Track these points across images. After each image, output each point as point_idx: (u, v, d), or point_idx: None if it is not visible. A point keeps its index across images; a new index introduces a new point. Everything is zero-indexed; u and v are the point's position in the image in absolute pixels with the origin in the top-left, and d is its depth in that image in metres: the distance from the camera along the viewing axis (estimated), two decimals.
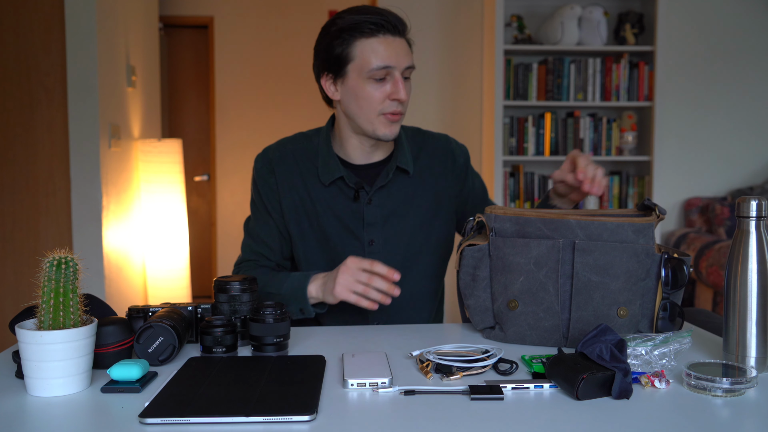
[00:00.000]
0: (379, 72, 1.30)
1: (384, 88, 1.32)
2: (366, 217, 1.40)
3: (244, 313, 1.11)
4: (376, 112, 1.33)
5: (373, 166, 1.44)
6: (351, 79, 1.33)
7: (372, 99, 1.32)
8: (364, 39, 1.30)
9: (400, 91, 1.31)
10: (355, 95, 1.33)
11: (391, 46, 1.31)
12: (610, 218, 1.09)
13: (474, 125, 3.99)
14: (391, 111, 1.33)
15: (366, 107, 1.33)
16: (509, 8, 3.77)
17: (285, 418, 0.79)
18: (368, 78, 1.31)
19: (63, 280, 0.90)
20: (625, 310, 1.08)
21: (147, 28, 3.90)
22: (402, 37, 1.34)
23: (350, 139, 1.41)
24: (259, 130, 5.04)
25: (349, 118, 1.38)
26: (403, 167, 1.42)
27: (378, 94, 1.32)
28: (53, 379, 0.88)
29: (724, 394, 0.87)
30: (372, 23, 1.30)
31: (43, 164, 2.94)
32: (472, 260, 1.16)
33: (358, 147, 1.42)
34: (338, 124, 1.44)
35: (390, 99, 1.32)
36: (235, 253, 5.18)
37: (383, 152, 1.45)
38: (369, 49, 1.30)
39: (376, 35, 1.30)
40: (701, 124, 3.94)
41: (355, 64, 1.32)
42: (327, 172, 1.41)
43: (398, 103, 1.33)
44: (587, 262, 1.07)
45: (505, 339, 1.14)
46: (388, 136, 1.35)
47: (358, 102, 1.33)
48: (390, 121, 1.34)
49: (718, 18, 3.88)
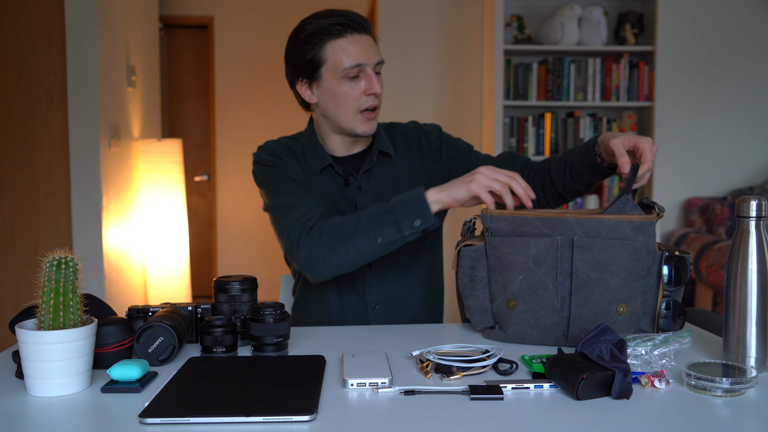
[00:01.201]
0: (353, 70, 1.36)
1: (359, 85, 1.37)
2: (359, 203, 1.44)
3: (244, 313, 1.11)
4: (353, 110, 1.38)
5: (355, 156, 1.49)
6: (326, 81, 1.38)
7: (349, 97, 1.37)
8: (333, 41, 1.35)
9: (374, 85, 1.37)
10: (332, 96, 1.39)
11: (360, 44, 1.36)
12: (607, 216, 1.09)
13: (474, 125, 3.99)
14: (368, 106, 1.38)
15: (344, 106, 1.38)
16: (509, 8, 3.77)
17: (285, 418, 0.79)
18: (342, 77, 1.36)
19: (63, 280, 0.90)
20: (625, 307, 1.08)
21: (147, 28, 3.90)
22: (368, 35, 1.39)
23: (331, 136, 1.47)
24: (259, 130, 5.04)
25: (328, 118, 1.43)
26: (385, 150, 1.48)
27: (354, 91, 1.37)
28: (53, 379, 0.88)
29: (724, 394, 0.87)
30: (339, 24, 1.35)
31: (43, 164, 2.94)
32: (469, 261, 1.16)
33: (340, 143, 1.47)
34: (317, 126, 1.49)
35: (366, 94, 1.38)
36: (235, 253, 5.20)
37: (363, 143, 1.50)
38: (339, 49, 1.35)
39: (344, 35, 1.36)
40: (701, 124, 3.94)
41: (328, 66, 1.37)
42: (317, 159, 1.45)
43: (374, 97, 1.39)
44: (586, 259, 1.08)
45: (506, 338, 1.15)
46: (367, 132, 1.41)
47: (336, 102, 1.39)
48: (367, 119, 1.40)
49: (718, 18, 3.88)
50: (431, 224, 1.23)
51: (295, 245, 1.29)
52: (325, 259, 1.26)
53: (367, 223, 1.24)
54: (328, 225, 1.28)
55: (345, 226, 1.26)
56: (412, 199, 1.24)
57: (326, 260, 1.26)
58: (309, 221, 1.30)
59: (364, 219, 1.25)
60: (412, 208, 1.23)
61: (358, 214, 1.27)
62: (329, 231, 1.27)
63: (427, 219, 1.23)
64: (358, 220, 1.26)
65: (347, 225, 1.26)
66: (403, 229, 1.23)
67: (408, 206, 1.23)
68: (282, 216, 1.35)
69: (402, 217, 1.23)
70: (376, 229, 1.23)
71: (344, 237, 1.25)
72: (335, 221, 1.28)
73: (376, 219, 1.24)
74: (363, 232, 1.24)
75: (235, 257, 5.14)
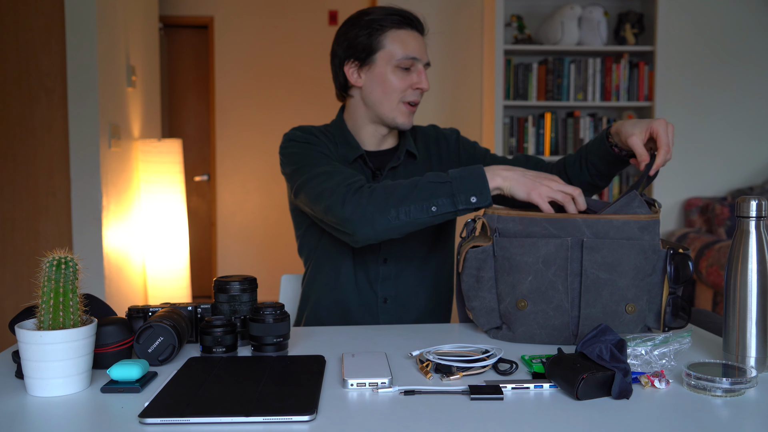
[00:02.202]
0: (407, 61, 1.41)
1: (409, 77, 1.43)
2: None
3: (244, 313, 1.11)
4: (398, 99, 1.43)
5: (384, 152, 1.52)
6: (378, 67, 1.43)
7: (396, 86, 1.43)
8: (395, 30, 1.42)
9: (423, 81, 1.43)
10: (381, 82, 1.43)
11: (417, 40, 1.44)
12: (614, 216, 1.09)
13: (474, 125, 3.99)
14: (412, 100, 1.44)
15: (390, 94, 1.43)
16: (509, 8, 3.77)
17: (285, 418, 0.79)
18: (396, 66, 1.42)
19: (63, 280, 0.90)
20: (633, 306, 1.09)
21: (147, 28, 3.90)
22: (423, 36, 1.47)
23: (365, 126, 1.50)
24: (259, 131, 5.04)
25: (369, 106, 1.46)
26: (412, 151, 1.51)
27: (402, 82, 1.43)
28: (53, 379, 0.88)
29: (724, 394, 0.87)
30: (402, 17, 1.43)
31: (43, 164, 2.94)
32: (476, 262, 1.16)
33: (373, 134, 1.50)
34: (352, 115, 1.50)
35: (413, 88, 1.43)
36: (235, 253, 5.20)
37: (392, 140, 1.54)
38: (399, 39, 1.42)
39: (405, 28, 1.43)
40: (701, 124, 3.94)
41: (384, 53, 1.42)
42: (349, 149, 1.48)
43: (419, 92, 1.45)
44: (595, 259, 1.08)
45: (514, 339, 1.15)
46: (405, 125, 1.46)
47: (383, 88, 1.43)
48: (409, 111, 1.45)
49: (718, 18, 3.88)
50: (487, 204, 1.20)
51: (340, 202, 1.23)
52: (372, 218, 1.21)
53: (423, 190, 1.21)
54: (381, 186, 1.24)
55: (399, 189, 1.22)
56: (473, 175, 1.20)
57: (374, 220, 1.21)
58: (356, 182, 1.27)
59: (421, 185, 1.21)
60: (472, 184, 1.19)
61: (413, 180, 1.24)
62: (381, 191, 1.22)
63: (483, 198, 1.19)
64: (414, 185, 1.22)
65: (402, 189, 1.22)
66: (458, 203, 1.20)
67: (468, 182, 1.20)
68: (321, 182, 1.30)
69: (460, 190, 1.19)
70: (432, 197, 1.20)
71: (397, 200, 1.21)
72: (388, 184, 1.24)
73: (434, 188, 1.21)
74: (418, 199, 1.20)
75: (235, 257, 5.14)
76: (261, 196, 5.10)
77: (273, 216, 5.08)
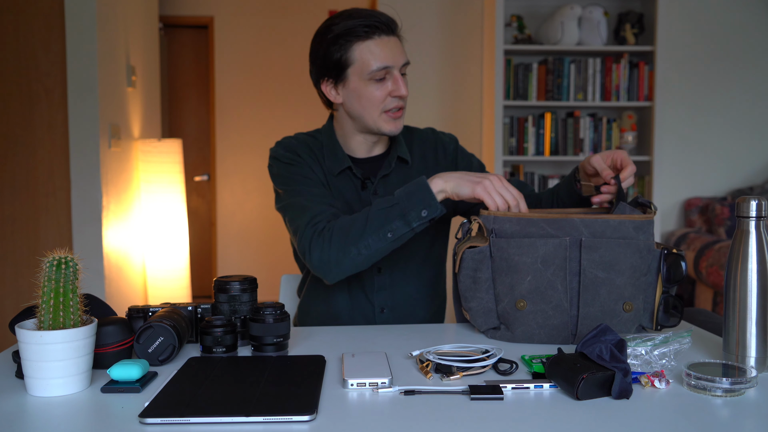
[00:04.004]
0: (379, 73, 1.36)
1: (385, 86, 1.37)
2: None
3: (244, 313, 1.11)
4: (379, 110, 1.39)
5: (374, 159, 1.49)
6: (352, 82, 1.38)
7: (375, 99, 1.38)
8: (360, 42, 1.35)
9: (400, 88, 1.38)
10: (357, 97, 1.38)
11: (387, 47, 1.36)
12: (611, 216, 1.11)
13: (474, 125, 3.99)
14: (394, 107, 1.39)
15: (369, 107, 1.38)
16: (509, 8, 3.77)
17: (285, 418, 0.79)
18: (369, 79, 1.36)
19: (63, 280, 0.90)
20: (630, 304, 1.10)
21: (147, 28, 3.90)
22: (395, 36, 1.39)
23: (354, 136, 1.46)
24: (259, 131, 5.04)
25: (353, 118, 1.42)
26: (403, 156, 1.48)
27: (379, 93, 1.37)
28: (53, 379, 0.88)
29: (724, 394, 0.87)
30: (366, 26, 1.35)
31: (43, 164, 2.94)
32: (473, 262, 1.16)
33: (362, 143, 1.47)
34: (340, 125, 1.47)
35: (391, 96, 1.38)
36: (235, 253, 5.20)
37: (383, 146, 1.51)
38: (367, 51, 1.35)
39: (372, 37, 1.35)
40: (701, 124, 3.94)
41: (355, 68, 1.36)
42: (336, 161, 1.45)
43: (399, 98, 1.39)
44: (593, 258, 1.09)
45: (513, 339, 1.15)
46: (393, 132, 1.41)
47: (362, 103, 1.39)
48: (393, 118, 1.40)
49: (718, 18, 3.88)
50: (438, 213, 1.23)
51: (307, 248, 1.28)
52: (338, 262, 1.25)
53: (375, 221, 1.24)
54: (337, 227, 1.26)
55: (354, 226, 1.25)
56: (416, 190, 1.23)
57: (339, 263, 1.25)
58: (320, 223, 1.29)
59: (371, 216, 1.24)
60: (418, 199, 1.22)
61: (365, 212, 1.26)
62: (339, 232, 1.25)
63: (433, 208, 1.22)
64: (365, 218, 1.25)
65: (356, 225, 1.25)
66: (411, 222, 1.22)
67: (413, 198, 1.22)
68: (295, 216, 1.35)
69: (409, 209, 1.22)
70: (385, 225, 1.23)
71: (354, 237, 1.24)
72: (343, 222, 1.27)
73: (384, 215, 1.23)
74: (372, 230, 1.23)
75: (235, 257, 5.14)
76: (261, 196, 5.10)
77: (273, 216, 5.08)
